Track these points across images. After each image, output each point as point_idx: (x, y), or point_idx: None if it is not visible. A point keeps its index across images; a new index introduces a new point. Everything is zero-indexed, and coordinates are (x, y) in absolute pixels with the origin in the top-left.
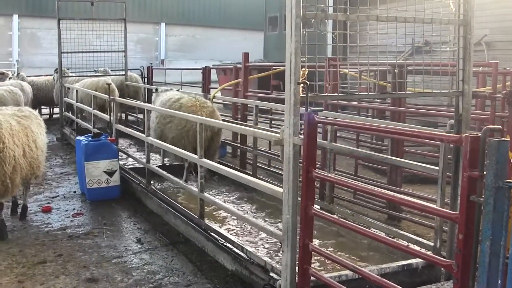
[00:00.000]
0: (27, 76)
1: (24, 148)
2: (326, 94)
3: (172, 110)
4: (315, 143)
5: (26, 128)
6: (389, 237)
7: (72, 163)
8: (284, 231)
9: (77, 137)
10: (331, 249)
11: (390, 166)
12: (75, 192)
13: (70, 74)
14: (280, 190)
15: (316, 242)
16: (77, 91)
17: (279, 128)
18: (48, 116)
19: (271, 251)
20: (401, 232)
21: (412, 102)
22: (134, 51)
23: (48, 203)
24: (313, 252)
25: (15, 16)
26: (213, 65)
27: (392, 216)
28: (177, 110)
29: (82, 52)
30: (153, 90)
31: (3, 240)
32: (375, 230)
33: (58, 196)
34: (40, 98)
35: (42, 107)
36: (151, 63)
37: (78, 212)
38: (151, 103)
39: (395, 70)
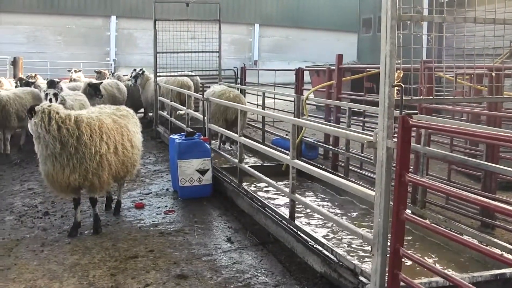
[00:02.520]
0: (123, 75)
1: (117, 146)
2: (421, 97)
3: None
4: (409, 146)
5: (122, 127)
6: (482, 245)
7: (165, 161)
8: (374, 235)
9: (171, 136)
10: (421, 254)
11: (485, 172)
12: (167, 189)
13: (164, 74)
14: (372, 193)
15: (406, 246)
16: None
17: (372, 130)
18: (142, 114)
19: (359, 254)
20: (495, 240)
21: (509, 106)
22: (228, 52)
23: (141, 199)
24: (403, 257)
25: (113, 17)
26: (306, 67)
27: (485, 224)
28: (212, 96)
29: (177, 52)
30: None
31: (97, 234)
32: (468, 237)
33: (151, 193)
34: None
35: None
36: (244, 64)
37: (170, 209)
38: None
39: (492, 74)
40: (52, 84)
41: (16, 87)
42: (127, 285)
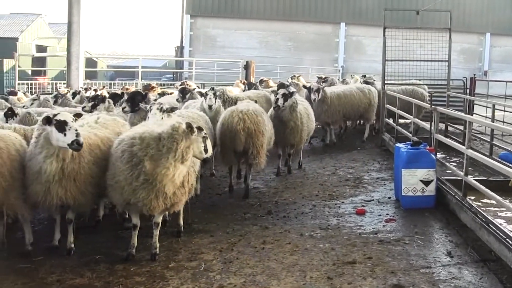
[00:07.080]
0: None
1: None
2: None
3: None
4: None
5: None
6: None
7: (389, 169)
8: None
9: (396, 144)
10: None
11: None
12: (389, 197)
13: (391, 82)
14: None
15: None
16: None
17: None
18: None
19: None
20: None
21: None
22: (457, 61)
23: (363, 206)
24: None
25: (342, 24)
26: None
27: None
28: None
29: (405, 60)
30: None
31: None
32: None
33: (373, 200)
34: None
35: None
36: (474, 74)
37: (391, 217)
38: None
39: None
40: (282, 86)
41: (244, 90)
42: None
